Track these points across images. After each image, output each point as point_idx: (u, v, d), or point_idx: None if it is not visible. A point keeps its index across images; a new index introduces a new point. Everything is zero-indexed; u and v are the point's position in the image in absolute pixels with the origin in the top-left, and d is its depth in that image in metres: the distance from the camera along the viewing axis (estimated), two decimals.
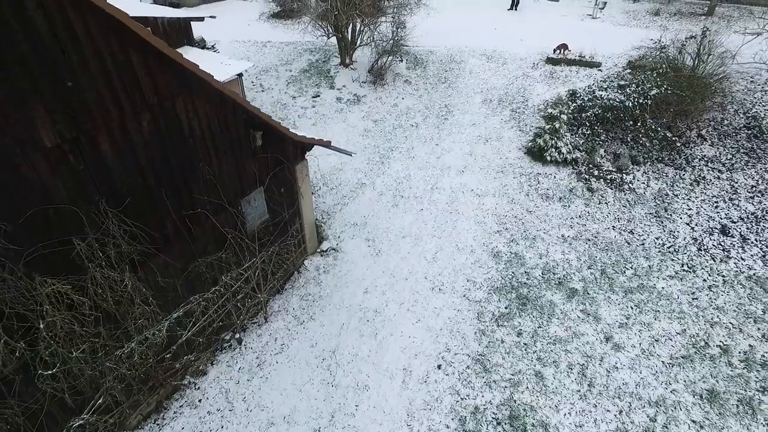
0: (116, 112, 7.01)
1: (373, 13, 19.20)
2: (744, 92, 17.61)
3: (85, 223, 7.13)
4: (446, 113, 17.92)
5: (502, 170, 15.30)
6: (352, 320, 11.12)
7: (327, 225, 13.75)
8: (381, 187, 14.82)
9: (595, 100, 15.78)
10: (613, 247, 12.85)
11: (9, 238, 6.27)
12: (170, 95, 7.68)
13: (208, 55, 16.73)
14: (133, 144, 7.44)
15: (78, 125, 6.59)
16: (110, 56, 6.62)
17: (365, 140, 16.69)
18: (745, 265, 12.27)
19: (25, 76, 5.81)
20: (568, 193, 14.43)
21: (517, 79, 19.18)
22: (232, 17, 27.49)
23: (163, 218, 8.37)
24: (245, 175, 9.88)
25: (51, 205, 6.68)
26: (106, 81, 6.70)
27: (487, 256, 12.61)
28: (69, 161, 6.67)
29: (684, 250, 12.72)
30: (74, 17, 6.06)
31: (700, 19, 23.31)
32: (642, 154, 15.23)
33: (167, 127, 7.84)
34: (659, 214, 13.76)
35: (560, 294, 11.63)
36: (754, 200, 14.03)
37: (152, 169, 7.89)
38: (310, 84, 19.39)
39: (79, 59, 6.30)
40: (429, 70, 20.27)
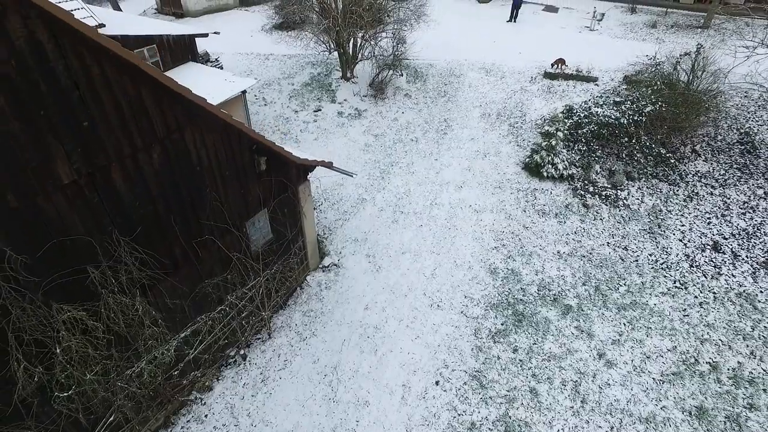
0: (128, 147, 7.37)
1: (373, 25, 19.52)
2: (738, 107, 17.96)
3: (99, 252, 7.49)
4: (445, 127, 18.27)
5: (499, 186, 15.65)
6: (353, 336, 11.47)
7: (329, 241, 14.11)
8: (381, 202, 15.18)
9: (591, 117, 16.12)
10: (607, 264, 13.19)
11: (29, 269, 6.63)
12: (179, 128, 8.04)
13: (212, 72, 17.10)
14: (145, 175, 7.80)
15: (93, 161, 6.96)
16: (123, 96, 6.98)
17: (366, 155, 17.05)
18: (735, 282, 12.61)
19: (45, 119, 6.17)
20: (564, 209, 14.77)
21: (516, 93, 19.53)
22: (234, 28, 27.86)
23: (171, 243, 8.74)
24: (250, 198, 10.24)
25: (67, 236, 7.03)
26: (119, 119, 7.06)
27: (484, 273, 12.95)
28: (85, 195, 7.03)
29: (676, 267, 13.06)
30: (91, 63, 6.42)
31: (696, 32, 23.65)
32: (637, 170, 15.57)
33: (176, 157, 8.20)
34: (653, 231, 14.09)
35: (555, 310, 11.98)
36: (746, 216, 14.36)
37: (162, 198, 8.25)
38: (312, 98, 19.76)
39: (95, 100, 6.65)
40: (429, 83, 20.63)
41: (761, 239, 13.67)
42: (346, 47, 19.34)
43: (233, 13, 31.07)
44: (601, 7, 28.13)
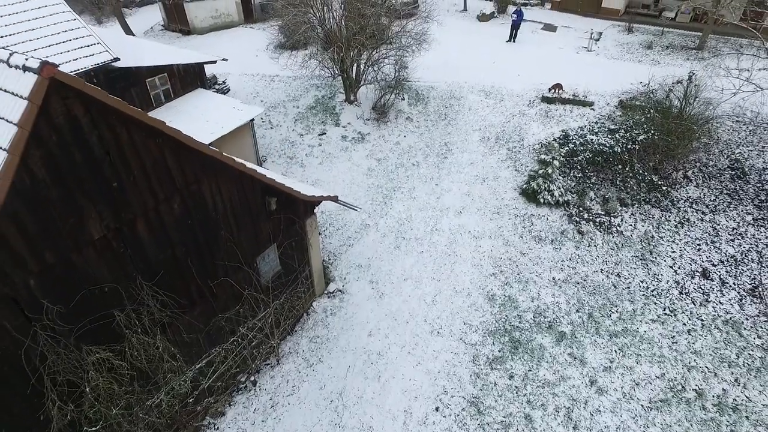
0: (152, 201, 8.00)
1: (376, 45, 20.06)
2: (729, 132, 18.54)
3: (124, 296, 8.12)
4: (446, 151, 18.88)
5: (498, 211, 16.24)
6: (358, 362, 12.07)
7: (333, 266, 14.72)
8: (384, 228, 15.78)
9: (587, 145, 16.71)
10: (600, 290, 13.78)
11: (63, 318, 7.26)
12: (197, 180, 8.67)
13: (221, 100, 17.72)
14: (165, 224, 8.43)
15: (121, 217, 7.60)
16: (148, 157, 7.62)
17: (369, 180, 17.66)
18: (722, 309, 13.18)
19: (78, 184, 6.80)
20: (560, 235, 15.36)
21: (514, 117, 20.13)
22: (240, 46, 28.51)
23: (188, 284, 9.37)
24: (261, 235, 10.86)
25: (97, 285, 7.66)
26: (144, 177, 7.70)
27: (482, 300, 13.55)
28: (112, 247, 7.67)
29: (667, 294, 13.64)
30: (120, 131, 7.07)
31: (691, 54, 24.21)
32: (630, 196, 16.15)
33: (194, 206, 8.84)
34: (645, 257, 14.68)
35: (550, 337, 12.57)
36: (734, 243, 14.94)
37: (181, 243, 8.89)
38: (317, 121, 20.39)
39: (123, 164, 7.29)
40: (430, 106, 21.24)
41: (748, 266, 14.24)
42: (349, 72, 19.95)
43: (238, 31, 31.72)
44: (599, 26, 28.72)
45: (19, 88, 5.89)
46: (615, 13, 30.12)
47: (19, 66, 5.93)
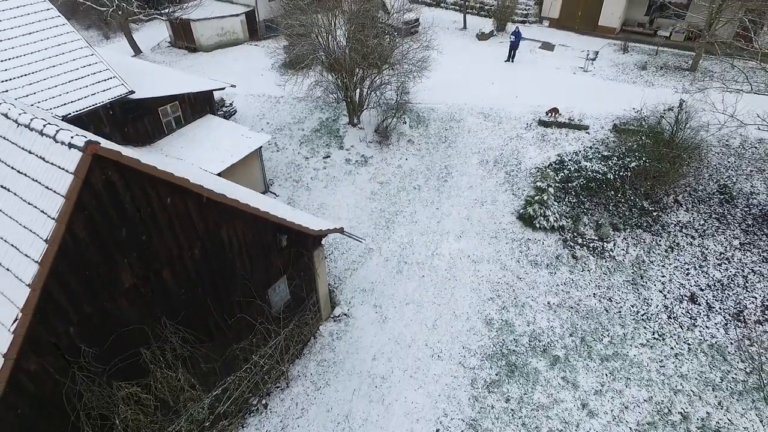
0: (176, 249, 8.74)
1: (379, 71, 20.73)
2: (718, 156, 19.24)
3: (150, 336, 8.86)
4: (446, 175, 19.60)
5: (495, 235, 16.96)
6: (363, 386, 12.80)
7: (339, 290, 15.44)
8: (387, 252, 16.51)
9: (581, 171, 17.44)
10: (593, 315, 14.49)
11: (97, 359, 7.99)
12: (216, 226, 9.40)
13: (229, 127, 18.44)
14: (188, 268, 9.17)
15: (149, 266, 8.32)
16: (174, 211, 8.35)
17: (372, 204, 18.38)
18: (708, 333, 13.90)
19: (113, 240, 7.54)
20: (555, 260, 16.07)
21: (512, 140, 20.84)
22: (245, 65, 29.25)
23: (207, 319, 10.11)
24: (272, 269, 11.60)
25: (126, 327, 8.40)
26: (169, 229, 8.43)
27: (481, 324, 14.27)
28: (141, 293, 8.40)
29: (656, 318, 14.35)
30: (150, 191, 7.81)
31: (684, 75, 24.92)
32: (622, 221, 16.86)
33: (213, 249, 9.58)
34: (636, 282, 15.39)
35: (544, 361, 13.28)
36: (721, 267, 15.64)
37: (201, 283, 9.63)
38: (321, 144, 21.12)
39: (152, 219, 8.03)
40: (430, 128, 21.96)
41: (734, 290, 14.95)
42: (353, 97, 20.68)
43: (243, 48, 32.42)
44: (595, 45, 29.42)
45: (65, 162, 6.63)
46: (611, 32, 30.79)
47: (65, 142, 6.66)
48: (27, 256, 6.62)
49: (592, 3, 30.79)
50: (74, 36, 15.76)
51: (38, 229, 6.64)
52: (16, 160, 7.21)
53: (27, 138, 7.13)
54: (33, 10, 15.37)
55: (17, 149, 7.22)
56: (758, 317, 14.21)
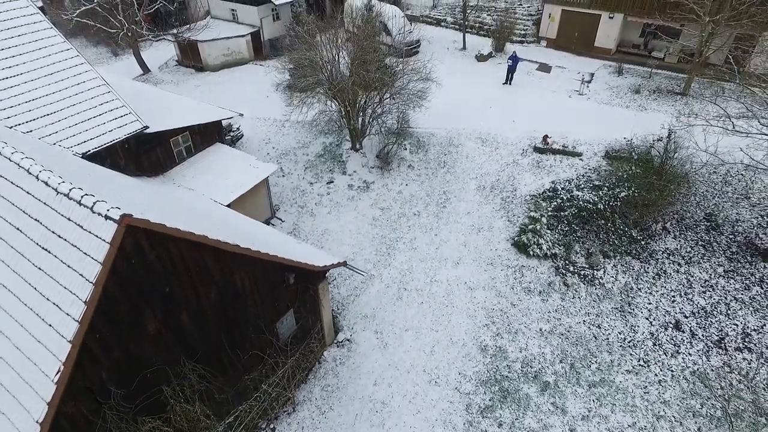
0: (194, 296, 9.62)
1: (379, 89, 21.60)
2: (705, 183, 20.03)
3: (171, 374, 9.73)
4: (444, 200, 20.45)
5: (491, 262, 17.80)
6: (364, 411, 13.65)
7: (342, 316, 16.29)
8: (387, 279, 17.36)
9: (573, 200, 18.28)
10: (582, 341, 15.31)
11: (124, 398, 8.87)
12: (230, 271, 10.28)
13: (237, 156, 19.31)
14: (204, 311, 10.06)
15: (170, 312, 9.20)
16: (193, 263, 9.23)
17: (373, 230, 19.24)
18: (691, 360, 14.71)
19: (140, 293, 8.43)
20: (547, 287, 16.90)
21: (508, 166, 21.69)
22: (251, 86, 30.16)
23: (221, 355, 10.98)
24: (280, 304, 12.47)
25: (151, 368, 9.28)
26: (188, 280, 9.31)
27: (476, 350, 15.11)
28: (163, 337, 9.28)
29: (642, 345, 15.17)
30: (172, 248, 8.68)
31: (676, 99, 25.74)
32: (612, 249, 17.68)
33: (227, 291, 10.45)
34: (624, 309, 16.20)
35: (535, 387, 14.12)
36: (706, 295, 16.45)
37: (215, 323, 10.50)
38: (325, 169, 22.00)
39: (174, 272, 8.91)
40: (430, 153, 22.82)
41: (717, 318, 15.76)
42: (355, 124, 21.56)
43: (248, 68, 33.35)
44: (591, 66, 30.28)
45: (101, 232, 7.50)
46: (607, 53, 31.63)
47: (101, 214, 7.53)
48: (68, 315, 7.50)
49: (588, 24, 31.65)
50: (93, 74, 16.64)
51: (77, 290, 7.51)
52: (55, 224, 8.08)
53: (66, 206, 8.01)
54: (54, 51, 16.26)
55: (56, 215, 8.10)
56: (738, 345, 15.01)
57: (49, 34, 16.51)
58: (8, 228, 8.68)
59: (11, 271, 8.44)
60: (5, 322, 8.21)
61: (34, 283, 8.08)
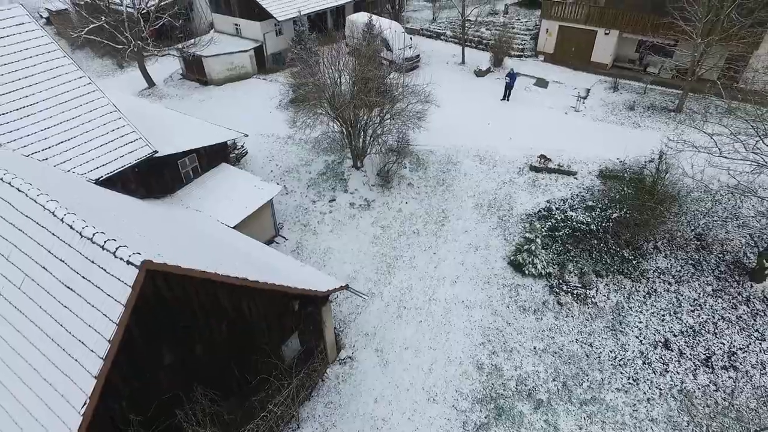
0: (206, 327, 10.28)
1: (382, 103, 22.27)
2: (697, 202, 20.66)
3: (184, 399, 10.39)
4: (443, 219, 21.10)
5: (488, 281, 18.44)
6: (365, 427, 14.29)
7: (344, 334, 16.94)
8: (388, 297, 18.01)
9: (567, 221, 18.92)
10: (574, 360, 15.94)
11: (142, 425, 9.52)
12: (239, 302, 10.93)
13: (242, 177, 19.98)
14: (215, 339, 10.70)
15: (183, 343, 9.86)
16: (206, 298, 9.89)
17: (374, 248, 19.89)
18: (678, 379, 15.33)
19: (158, 329, 9.08)
20: (542, 305, 17.54)
21: (505, 184, 22.34)
22: (255, 101, 30.87)
23: (230, 379, 11.63)
24: (285, 328, 13.13)
25: (166, 395, 9.94)
26: (201, 312, 9.97)
27: (472, 368, 15.75)
28: (178, 367, 9.93)
29: (632, 363, 15.79)
30: (187, 286, 9.33)
31: (670, 116, 26.37)
32: (604, 268, 18.31)
33: (236, 321, 11.10)
34: (615, 328, 16.83)
35: (529, 405, 14.75)
36: (694, 314, 17.08)
37: (225, 350, 11.15)
38: (327, 187, 22.67)
39: (188, 307, 9.57)
40: (429, 171, 23.48)
41: (704, 337, 16.38)
42: (356, 143, 22.23)
43: (252, 82, 34.04)
44: (588, 81, 30.96)
45: (124, 276, 8.15)
46: (603, 67, 32.29)
47: (123, 259, 8.18)
48: (93, 351, 8.15)
49: (584, 40, 32.34)
50: (104, 101, 17.30)
51: (101, 329, 8.16)
52: (80, 265, 8.73)
53: (90, 249, 8.66)
54: (68, 79, 16.93)
55: (81, 257, 8.76)
56: (724, 363, 15.64)
57: (63, 63, 17.17)
58: (35, 266, 9.33)
59: (38, 307, 9.09)
60: (33, 355, 8.86)
61: (60, 320, 8.73)
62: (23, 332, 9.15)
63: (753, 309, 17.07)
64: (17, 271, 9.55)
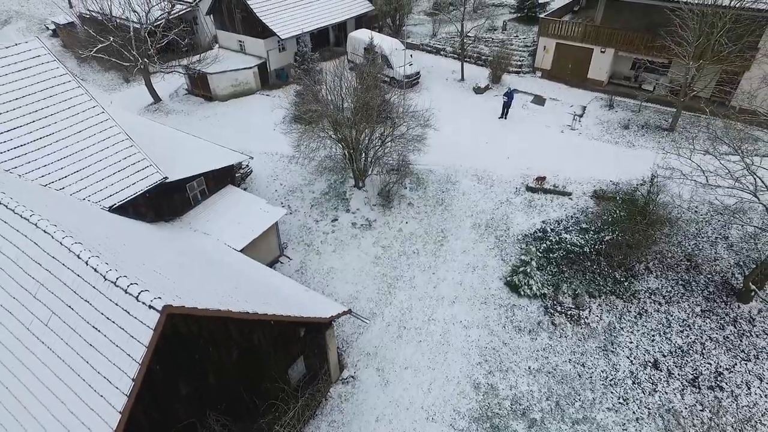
0: (219, 358, 11.01)
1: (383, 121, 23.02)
2: (687, 223, 21.36)
3: (198, 426, 11.12)
4: (442, 238, 21.82)
5: (485, 301, 19.15)
6: None
7: (347, 353, 17.66)
8: (389, 317, 18.73)
9: (561, 243, 19.64)
10: (567, 380, 16.64)
11: None
12: (249, 333, 11.67)
13: (249, 199, 20.70)
14: (227, 370, 11.43)
15: (201, 377, 10.59)
16: (219, 333, 10.61)
17: (376, 268, 20.62)
18: (666, 399, 16.03)
19: (175, 363, 9.80)
20: (536, 326, 18.25)
21: (502, 204, 23.06)
22: (259, 117, 31.58)
23: (240, 404, 12.35)
24: (292, 353, 13.85)
25: (181, 423, 10.66)
26: (215, 345, 10.69)
27: (469, 388, 16.46)
28: (192, 396, 10.66)
29: (622, 383, 16.49)
30: (203, 324, 10.05)
31: (663, 135, 27.09)
32: (597, 289, 19.02)
33: (247, 349, 11.83)
34: (606, 348, 17.53)
35: (523, 424, 15.46)
36: (683, 334, 17.77)
37: (236, 377, 11.88)
38: (330, 207, 23.40)
39: (204, 340, 10.29)
40: (429, 191, 24.20)
41: (692, 357, 17.08)
42: (358, 165, 22.96)
43: (255, 98, 34.77)
44: (584, 99, 31.67)
45: (146, 319, 8.87)
46: (599, 84, 33.00)
47: (145, 303, 8.91)
48: (117, 388, 8.87)
49: (581, 57, 33.05)
50: (117, 130, 18.04)
51: (125, 367, 8.89)
52: (104, 307, 9.46)
53: (113, 292, 9.39)
54: (82, 109, 17.67)
55: (105, 298, 9.49)
56: (711, 383, 16.33)
57: (77, 93, 17.91)
58: (61, 305, 10.06)
59: (65, 344, 9.82)
60: (61, 390, 9.58)
61: (85, 357, 9.45)
62: (50, 366, 9.87)
63: (739, 329, 17.77)
64: (44, 309, 10.29)
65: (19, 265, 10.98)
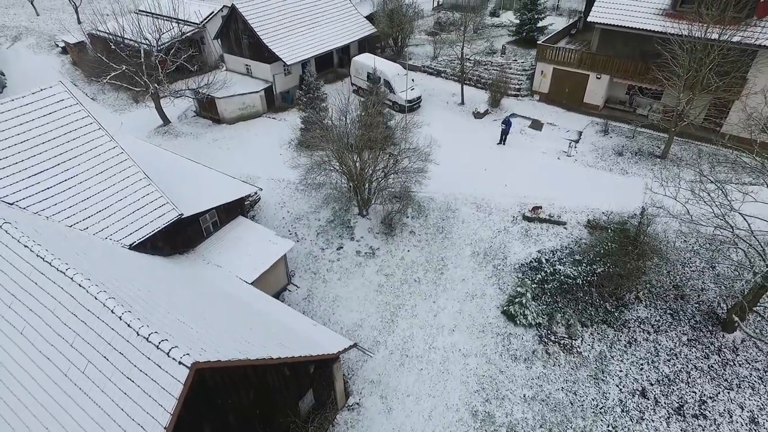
0: (237, 399, 12.08)
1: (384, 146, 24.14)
2: (676, 252, 22.40)
3: None
4: (442, 267, 22.88)
5: (483, 329, 20.20)
6: None
7: (352, 381, 18.71)
8: (391, 345, 19.79)
9: (555, 274, 20.69)
10: (560, 407, 17.68)
11: None
12: (265, 375, 12.74)
13: (258, 231, 21.79)
14: (245, 408, 12.49)
15: (222, 418, 11.66)
16: (238, 377, 11.67)
17: (379, 296, 21.68)
18: (653, 427, 17.05)
19: (200, 408, 10.87)
20: (531, 354, 19.29)
21: (500, 233, 24.12)
22: (265, 140, 32.70)
23: None
24: (302, 387, 14.92)
25: None
26: (235, 389, 11.76)
27: (468, 415, 17.50)
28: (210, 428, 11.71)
29: (611, 412, 17.52)
30: (224, 372, 11.11)
31: (656, 162, 28.14)
32: (589, 318, 20.06)
33: (263, 386, 12.90)
34: (597, 376, 18.56)
35: None
36: (670, 363, 18.79)
37: (253, 414, 12.95)
38: (335, 235, 24.48)
39: (224, 387, 11.36)
40: (429, 219, 25.26)
41: (678, 386, 18.10)
42: (362, 194, 24.04)
43: (262, 121, 35.89)
44: (580, 123, 32.73)
45: (176, 373, 9.95)
46: (595, 108, 34.05)
47: (175, 359, 9.99)
48: None
49: (577, 82, 34.11)
50: (135, 169, 19.15)
51: (158, 416, 9.96)
52: (137, 359, 10.54)
53: (145, 346, 10.47)
54: (102, 150, 18.78)
55: (137, 352, 10.57)
56: (695, 412, 17.35)
57: (98, 135, 19.05)
58: (96, 355, 11.14)
59: (100, 391, 10.90)
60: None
61: (121, 404, 10.53)
62: (88, 412, 10.95)
63: (723, 358, 18.79)
64: (81, 357, 11.37)
65: (56, 314, 12.07)
